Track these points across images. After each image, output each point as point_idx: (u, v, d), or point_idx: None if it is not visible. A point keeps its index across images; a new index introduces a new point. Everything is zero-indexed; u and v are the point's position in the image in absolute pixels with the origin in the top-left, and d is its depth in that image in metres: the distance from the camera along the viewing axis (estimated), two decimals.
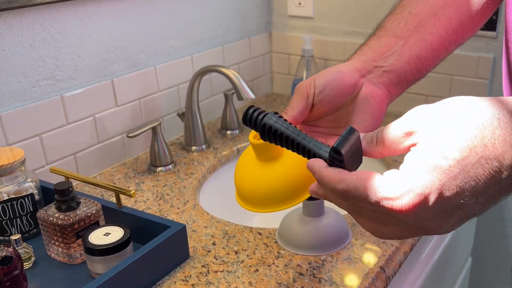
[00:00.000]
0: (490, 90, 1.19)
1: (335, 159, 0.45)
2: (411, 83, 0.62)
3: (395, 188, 0.40)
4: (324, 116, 0.61)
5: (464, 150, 0.38)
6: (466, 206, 0.39)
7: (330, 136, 0.61)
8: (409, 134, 0.42)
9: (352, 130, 0.46)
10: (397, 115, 0.45)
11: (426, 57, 0.60)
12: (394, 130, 0.43)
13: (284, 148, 0.55)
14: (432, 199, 0.38)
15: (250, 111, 0.54)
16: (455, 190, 0.38)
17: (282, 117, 0.53)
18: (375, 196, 0.40)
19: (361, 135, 0.47)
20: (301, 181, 0.55)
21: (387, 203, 0.40)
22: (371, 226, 0.44)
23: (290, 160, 0.56)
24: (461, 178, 0.38)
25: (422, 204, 0.39)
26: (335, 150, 0.45)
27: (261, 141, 0.54)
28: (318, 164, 0.46)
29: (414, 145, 0.41)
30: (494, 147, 0.37)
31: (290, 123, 0.52)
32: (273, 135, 0.52)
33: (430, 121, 0.40)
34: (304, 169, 0.53)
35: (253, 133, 0.57)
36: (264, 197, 0.55)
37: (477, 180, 0.38)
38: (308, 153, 0.49)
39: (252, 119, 0.54)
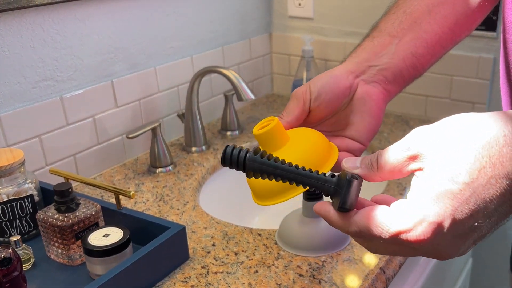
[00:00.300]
0: (491, 90, 1.19)
1: (343, 210, 0.45)
2: (408, 80, 0.61)
3: (406, 220, 0.39)
4: (324, 120, 0.61)
5: (473, 172, 0.37)
6: (480, 227, 0.38)
7: (333, 137, 0.61)
8: (413, 158, 0.41)
9: (351, 182, 0.44)
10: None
11: (422, 54, 0.60)
12: (396, 154, 0.42)
13: (291, 139, 0.54)
14: (446, 225, 0.38)
15: (228, 150, 0.49)
16: (468, 214, 0.37)
17: (265, 152, 0.48)
18: (388, 232, 0.40)
19: (358, 159, 0.46)
20: (311, 163, 0.53)
21: (401, 236, 0.40)
22: (388, 252, 0.44)
23: (297, 146, 0.54)
24: (473, 201, 0.37)
25: (436, 232, 0.38)
26: (342, 208, 0.44)
27: (263, 129, 0.53)
28: (325, 209, 0.46)
29: (419, 169, 0.40)
30: (503, 165, 0.36)
31: (277, 158, 0.47)
32: (262, 177, 0.49)
33: (434, 144, 0.39)
34: (310, 153, 0.53)
35: (257, 125, 0.56)
36: (274, 187, 0.53)
37: (489, 201, 0.37)
38: (308, 187, 0.48)
39: (233, 161, 0.48)
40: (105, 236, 0.73)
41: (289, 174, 0.47)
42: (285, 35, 1.44)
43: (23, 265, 0.75)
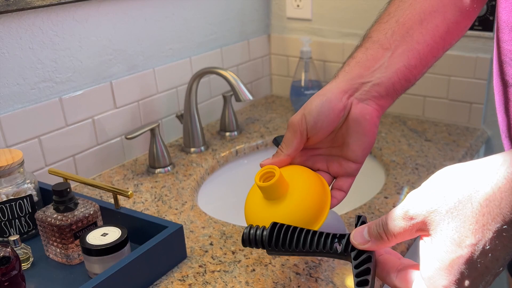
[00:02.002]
0: (488, 90, 1.19)
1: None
2: (400, 93, 0.62)
3: None
4: (320, 142, 0.63)
5: (477, 231, 0.38)
6: (492, 270, 0.40)
7: (330, 158, 0.63)
8: (418, 225, 0.42)
9: (369, 258, 0.46)
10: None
11: (414, 65, 0.61)
12: (401, 223, 0.43)
13: (290, 185, 0.58)
14: (466, 285, 0.40)
15: (246, 232, 0.55)
16: (483, 267, 0.39)
17: (281, 227, 0.53)
18: None
19: (365, 231, 0.47)
20: (310, 214, 0.57)
21: None
22: None
23: (297, 196, 0.58)
24: (483, 256, 0.38)
25: None
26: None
27: (267, 183, 0.56)
28: None
29: (427, 235, 0.42)
30: (501, 214, 0.37)
31: (290, 238, 0.53)
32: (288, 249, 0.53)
33: (435, 210, 0.40)
34: (310, 203, 0.57)
35: (258, 174, 0.58)
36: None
37: (496, 249, 0.38)
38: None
39: (257, 242, 0.54)
40: (103, 235, 0.74)
41: (306, 254, 0.52)
42: (284, 36, 1.45)
43: (22, 264, 0.76)
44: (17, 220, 0.82)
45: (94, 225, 0.79)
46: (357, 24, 1.31)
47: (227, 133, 1.23)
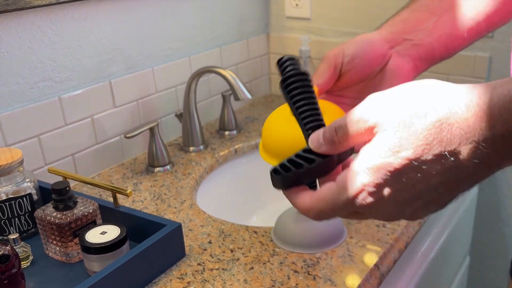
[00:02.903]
0: None
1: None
2: (437, 60, 0.61)
3: (349, 190, 0.41)
4: (352, 85, 0.60)
5: (418, 148, 0.37)
6: (425, 197, 0.39)
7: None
8: (371, 128, 0.41)
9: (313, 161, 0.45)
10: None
11: (456, 36, 0.60)
12: (354, 126, 0.42)
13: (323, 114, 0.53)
14: (385, 193, 0.40)
15: (285, 60, 0.52)
16: (409, 184, 0.39)
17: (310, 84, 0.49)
18: (338, 204, 0.43)
19: (320, 135, 0.45)
20: None
21: (349, 204, 0.42)
22: (346, 217, 0.46)
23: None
24: (413, 174, 0.38)
25: (377, 199, 0.40)
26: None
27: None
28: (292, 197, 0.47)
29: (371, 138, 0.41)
30: (451, 142, 0.37)
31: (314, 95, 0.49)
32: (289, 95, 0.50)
33: (389, 115, 0.39)
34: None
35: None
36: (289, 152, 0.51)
37: (433, 175, 0.38)
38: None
39: (282, 68, 0.52)
40: (102, 234, 0.74)
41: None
42: (283, 35, 1.45)
43: (22, 262, 0.76)
44: (16, 218, 0.82)
45: (93, 224, 0.79)
46: (356, 23, 1.32)
47: (226, 132, 1.24)
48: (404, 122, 0.38)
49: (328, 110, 0.55)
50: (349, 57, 0.57)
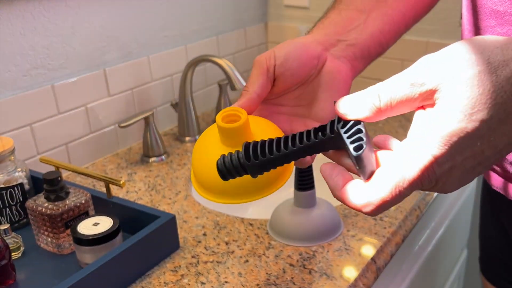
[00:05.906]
0: None
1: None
2: (374, 57, 0.60)
3: (414, 166, 0.37)
4: (287, 92, 0.56)
5: (492, 108, 0.34)
6: (489, 160, 0.37)
7: (295, 118, 0.57)
8: (425, 94, 0.37)
9: (359, 131, 0.40)
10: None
11: (388, 31, 0.59)
12: (406, 90, 0.38)
13: (254, 134, 0.48)
14: (457, 163, 0.36)
15: (220, 162, 0.45)
16: (481, 149, 0.36)
17: (256, 143, 0.45)
18: (404, 184, 0.37)
19: (354, 100, 0.41)
20: (274, 171, 0.46)
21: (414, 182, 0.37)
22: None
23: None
24: (487, 137, 0.35)
25: (448, 173, 0.37)
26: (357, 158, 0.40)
27: (230, 124, 0.47)
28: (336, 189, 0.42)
29: (429, 106, 0.37)
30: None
31: (269, 142, 0.44)
32: (267, 170, 0.45)
33: (452, 76, 0.36)
34: None
35: (220, 114, 0.48)
36: (230, 186, 0.48)
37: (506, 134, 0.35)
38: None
39: (230, 170, 0.45)
40: (95, 225, 0.73)
41: (294, 155, 0.43)
42: (281, 24, 1.43)
43: (13, 253, 0.75)
44: (8, 209, 0.81)
45: (85, 215, 0.78)
46: None
47: None
48: (473, 79, 0.35)
49: (259, 124, 0.51)
50: (282, 59, 0.53)
